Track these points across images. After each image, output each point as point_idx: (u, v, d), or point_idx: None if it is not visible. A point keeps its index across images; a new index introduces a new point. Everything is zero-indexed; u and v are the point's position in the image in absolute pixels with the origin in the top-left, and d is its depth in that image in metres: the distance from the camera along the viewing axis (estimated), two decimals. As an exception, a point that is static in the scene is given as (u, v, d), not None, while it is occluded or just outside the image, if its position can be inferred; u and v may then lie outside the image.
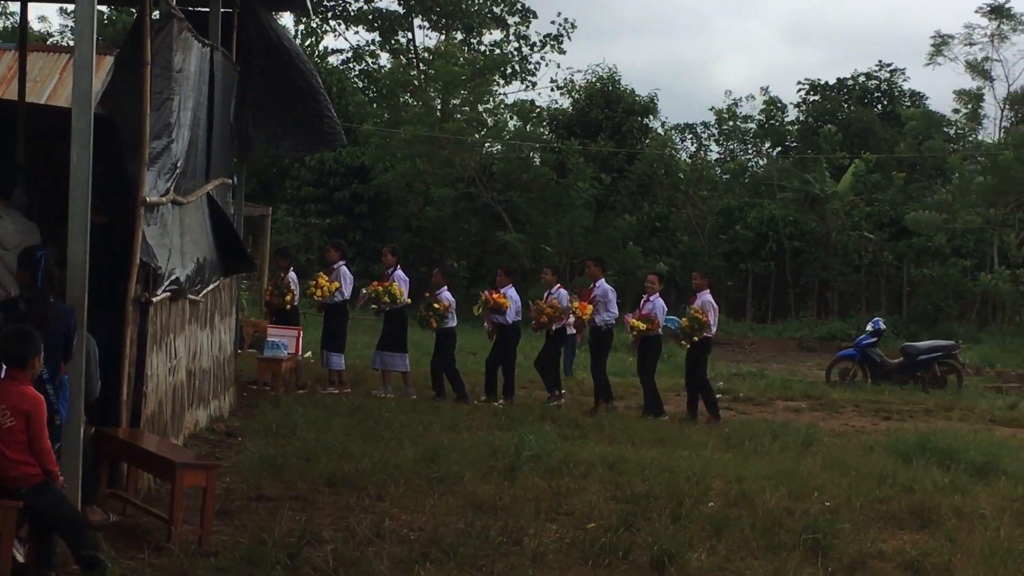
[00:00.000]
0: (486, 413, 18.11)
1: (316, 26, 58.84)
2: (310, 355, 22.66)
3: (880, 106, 58.92)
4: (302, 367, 20.69)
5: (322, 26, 59.65)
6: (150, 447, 10.34)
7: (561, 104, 54.32)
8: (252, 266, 18.49)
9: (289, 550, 9.18)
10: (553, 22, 62.00)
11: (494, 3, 60.77)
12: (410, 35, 61.35)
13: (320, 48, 59.71)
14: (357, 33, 61.82)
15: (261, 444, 14.08)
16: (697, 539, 10.51)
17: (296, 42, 24.32)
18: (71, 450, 9.06)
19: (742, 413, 21.39)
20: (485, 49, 59.58)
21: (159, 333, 12.07)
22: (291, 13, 39.55)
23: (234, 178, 18.02)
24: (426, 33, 61.54)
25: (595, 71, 52.19)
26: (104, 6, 33.15)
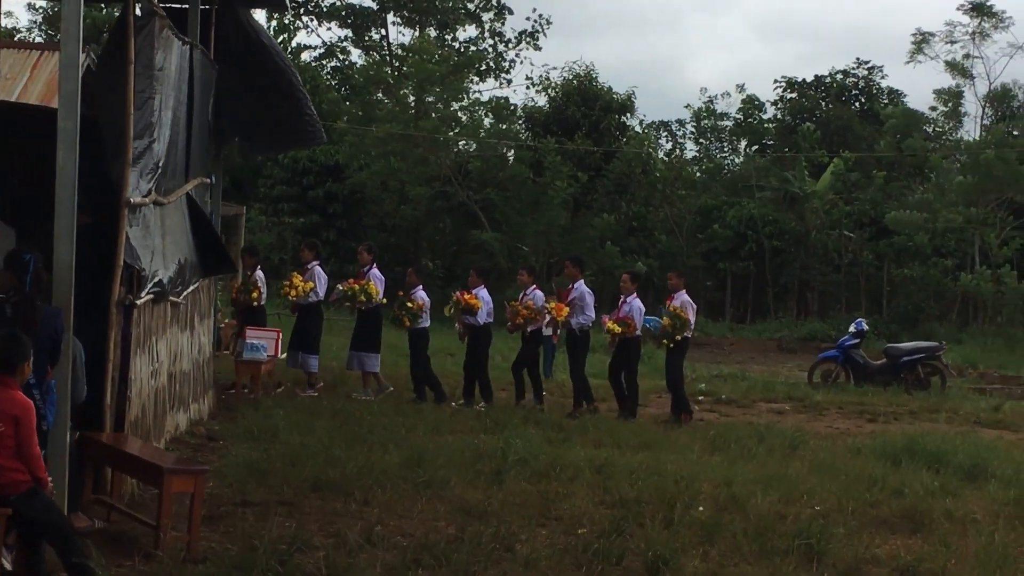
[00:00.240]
0: (468, 416, 18.10)
1: (289, 22, 58.71)
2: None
3: (858, 104, 59.12)
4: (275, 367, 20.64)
5: (295, 22, 59.53)
6: (136, 452, 10.33)
7: (537, 102, 54.41)
8: (232, 267, 18.42)
9: (280, 557, 9.17)
10: (528, 18, 61.90)
11: (468, -1, 60.77)
12: (383, 31, 61.23)
13: (292, 45, 59.55)
14: (330, 29, 61.65)
15: (243, 448, 14.05)
16: (689, 544, 10.53)
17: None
18: (57, 456, 9.03)
19: (725, 415, 21.42)
20: (460, 46, 59.46)
21: (142, 336, 12.04)
22: (265, 10, 39.52)
23: (212, 177, 18.00)
24: (399, 29, 61.41)
25: (572, 68, 52.33)
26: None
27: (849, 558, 10.51)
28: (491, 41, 60.75)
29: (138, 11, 11.76)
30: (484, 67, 58.58)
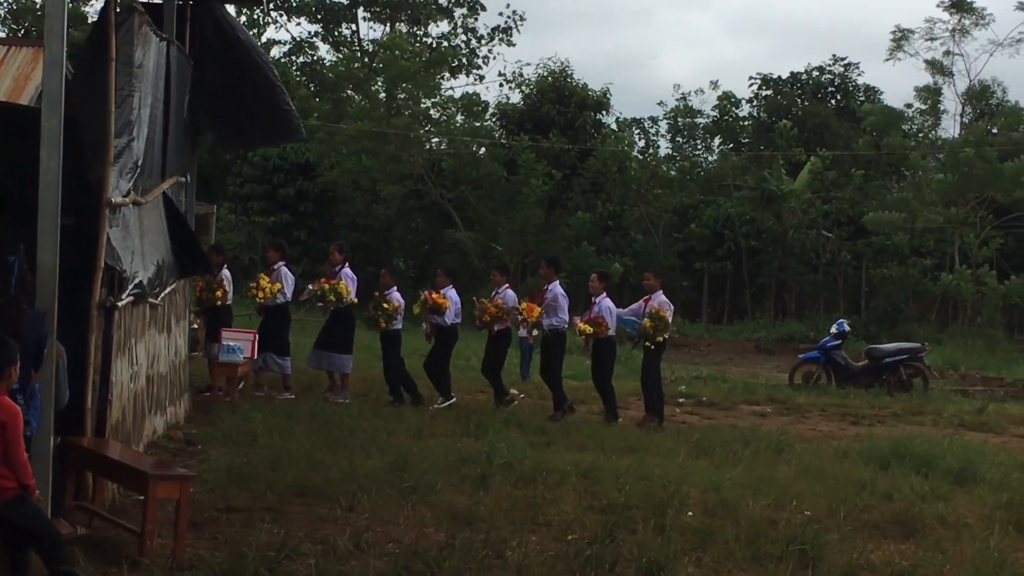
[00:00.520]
0: (449, 419, 18.08)
1: (258, 17, 58.48)
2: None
3: (834, 101, 59.24)
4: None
5: (264, 17, 59.33)
6: (120, 457, 10.28)
7: (511, 98, 54.34)
8: (208, 267, 18.37)
9: (269, 564, 9.16)
10: (501, 14, 61.76)
11: (440, -6, 60.58)
12: (354, 27, 61.06)
13: (262, 40, 59.28)
14: (299, 25, 61.50)
15: (222, 452, 14.02)
16: (682, 550, 10.54)
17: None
18: (41, 461, 8.97)
19: (707, 418, 21.45)
20: (432, 42, 59.35)
21: (123, 338, 12.00)
22: (235, 5, 39.38)
23: (187, 176, 17.94)
24: (370, 25, 61.22)
25: (547, 65, 52.25)
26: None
27: (843, 564, 10.53)
28: (464, 37, 60.71)
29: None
30: (456, 63, 58.50)
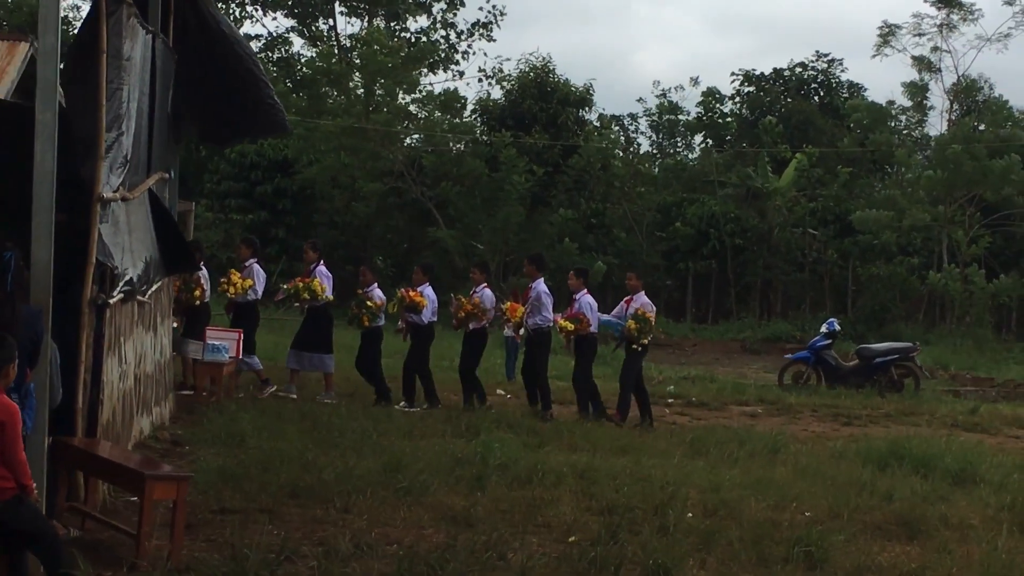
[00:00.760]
0: (439, 419, 18.05)
1: (232, 11, 58.26)
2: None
3: (817, 98, 59.30)
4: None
5: (240, 11, 59.09)
6: (114, 457, 10.22)
7: (491, 94, 54.26)
8: (195, 265, 18.29)
9: (269, 566, 9.11)
10: (481, 8, 61.67)
11: (419, -12, 60.46)
12: (331, 21, 60.93)
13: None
14: (275, 19, 61.29)
15: (211, 453, 13.97)
16: (686, 552, 10.52)
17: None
18: (35, 461, 8.90)
19: (697, 418, 21.48)
20: (410, 37, 59.21)
21: (113, 337, 11.93)
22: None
23: (171, 172, 17.85)
24: (347, 20, 61.12)
25: (528, 60, 52.18)
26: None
27: (850, 566, 10.53)
28: (443, 32, 60.64)
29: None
30: (436, 59, 58.36)
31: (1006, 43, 51.65)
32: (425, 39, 58.96)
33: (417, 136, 50.99)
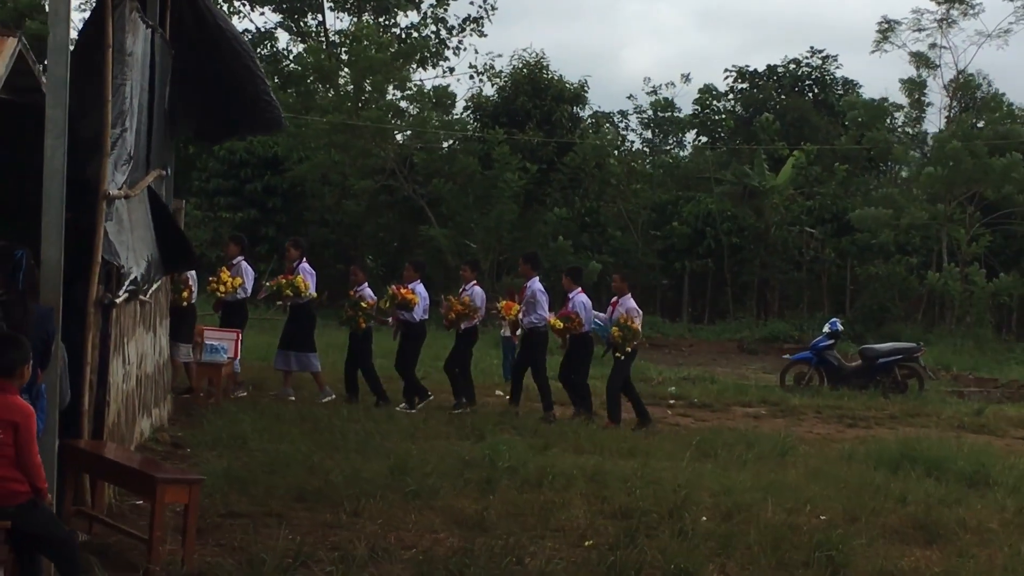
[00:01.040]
0: (441, 421, 18.03)
1: (220, 6, 57.96)
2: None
3: (811, 94, 59.25)
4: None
5: (228, 7, 58.82)
6: (124, 460, 10.17)
7: (483, 90, 54.11)
8: (196, 263, 18.23)
9: (286, 572, 9.08)
10: (472, 2, 61.29)
11: (409, -17, 60.21)
12: (320, 17, 60.69)
13: (227, 31, 58.63)
14: (263, 14, 61.03)
15: (214, 456, 13.94)
16: (705, 557, 10.49)
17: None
18: (46, 464, 8.82)
19: (701, 420, 21.44)
20: (401, 32, 59.06)
21: (118, 337, 11.88)
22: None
23: (167, 169, 17.79)
24: (336, 15, 60.87)
25: (521, 56, 51.94)
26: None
27: (871, 571, 10.51)
28: (433, 28, 60.46)
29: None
30: (427, 55, 58.17)
31: (1006, 39, 51.52)
32: (416, 35, 58.76)
33: (408, 133, 50.82)
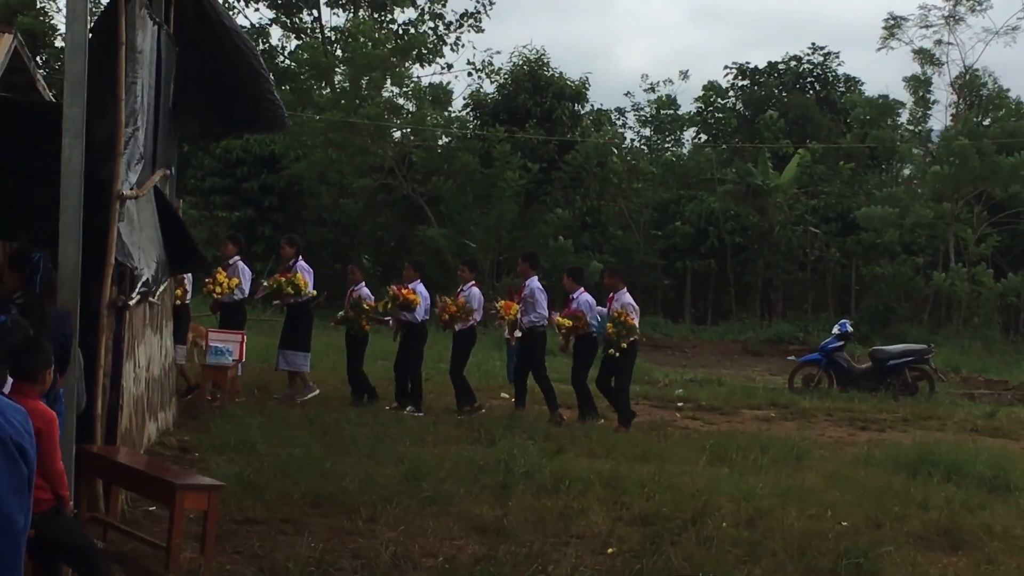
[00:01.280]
0: (451, 424, 17.99)
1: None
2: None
3: (813, 92, 59.16)
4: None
5: (222, 2, 58.63)
6: (140, 466, 10.10)
7: (482, 87, 54.02)
8: (203, 264, 18.12)
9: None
10: (470, -3, 61.20)
11: (405, -21, 60.07)
12: (315, 13, 60.55)
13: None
14: (258, 10, 60.91)
15: (223, 460, 13.83)
16: (731, 564, 10.44)
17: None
18: (65, 471, 8.79)
19: (710, 423, 21.40)
20: (398, 28, 58.95)
21: (130, 340, 11.82)
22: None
23: (172, 168, 17.73)
24: (332, 11, 60.73)
25: (521, 53, 51.85)
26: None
27: (904, 578, 10.48)
28: (431, 24, 60.32)
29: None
30: (424, 51, 58.05)
31: (1014, 36, 51.44)
32: (413, 31, 58.63)
33: (407, 130, 50.70)
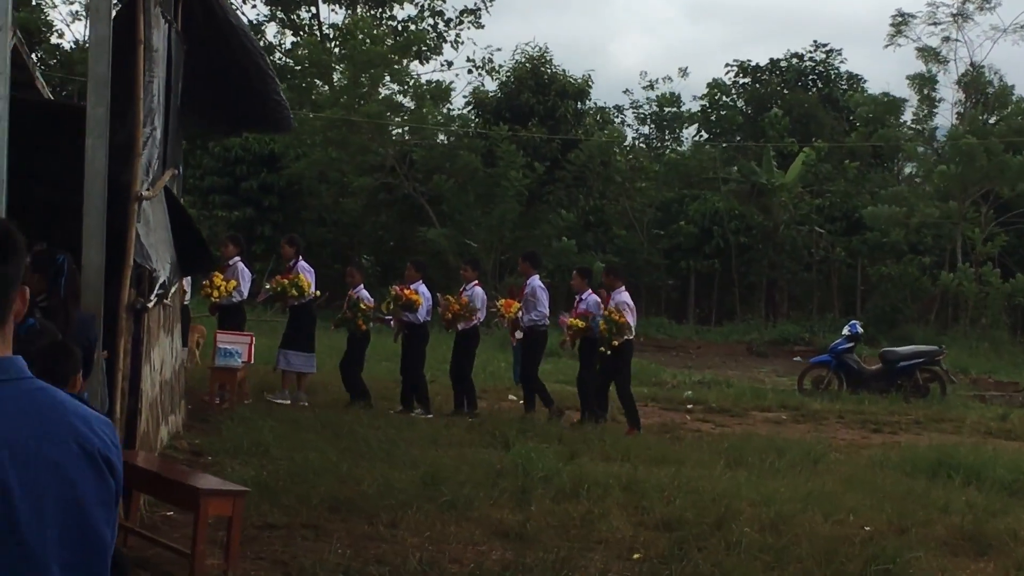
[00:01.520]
0: (462, 427, 17.97)
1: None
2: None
3: (815, 89, 59.08)
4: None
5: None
6: (162, 471, 10.07)
7: (483, 84, 53.96)
8: (213, 265, 18.12)
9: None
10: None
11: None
12: (314, 9, 60.52)
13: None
14: (255, 7, 60.87)
15: (237, 464, 13.79)
16: (759, 570, 10.42)
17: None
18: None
19: (721, 425, 21.40)
20: (397, 25, 58.91)
21: (147, 343, 11.80)
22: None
23: (179, 168, 17.71)
24: (331, 8, 60.69)
25: (524, 50, 51.82)
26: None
27: (935, 585, 10.46)
28: (431, 21, 60.28)
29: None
30: (424, 48, 57.99)
31: (1023, 34, 51.33)
32: (413, 27, 58.56)
33: (407, 128, 50.61)
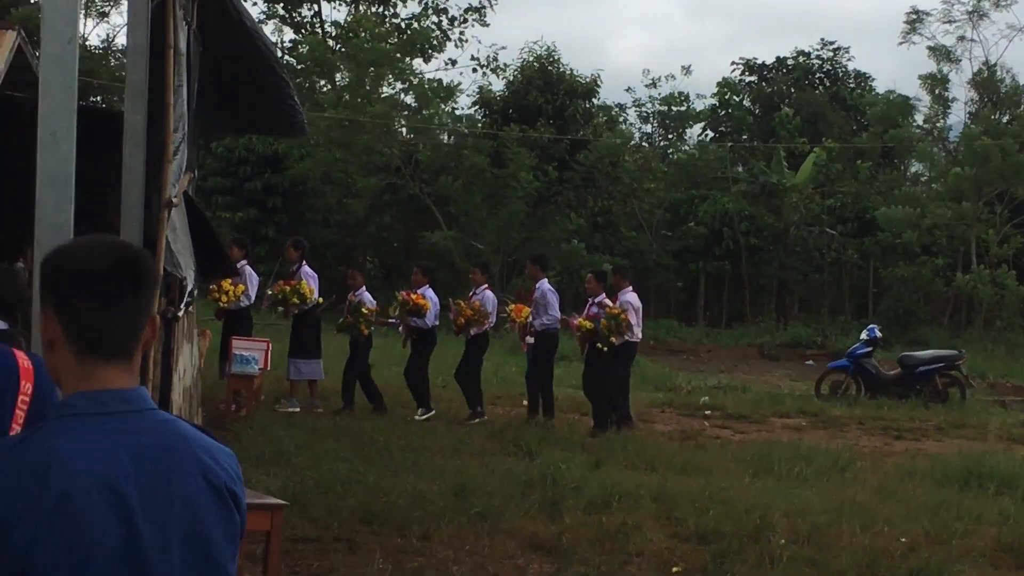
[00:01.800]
0: (482, 435, 17.92)
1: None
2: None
3: (823, 88, 58.98)
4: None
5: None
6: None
7: (489, 83, 53.85)
8: (233, 270, 18.03)
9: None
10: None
11: (408, -27, 59.83)
12: (316, 7, 60.41)
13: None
14: (256, 4, 60.74)
15: (260, 474, 13.75)
16: (802, 584, 10.41)
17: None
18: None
19: (741, 432, 21.31)
20: (401, 23, 58.82)
21: (176, 352, 11.76)
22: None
23: (195, 171, 17.66)
24: (334, 6, 60.59)
25: (532, 49, 51.73)
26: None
27: (976, 599, 10.42)
28: (435, 19, 60.19)
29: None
30: (429, 46, 57.91)
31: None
32: (416, 26, 58.46)
33: (407, 127, 50.52)
